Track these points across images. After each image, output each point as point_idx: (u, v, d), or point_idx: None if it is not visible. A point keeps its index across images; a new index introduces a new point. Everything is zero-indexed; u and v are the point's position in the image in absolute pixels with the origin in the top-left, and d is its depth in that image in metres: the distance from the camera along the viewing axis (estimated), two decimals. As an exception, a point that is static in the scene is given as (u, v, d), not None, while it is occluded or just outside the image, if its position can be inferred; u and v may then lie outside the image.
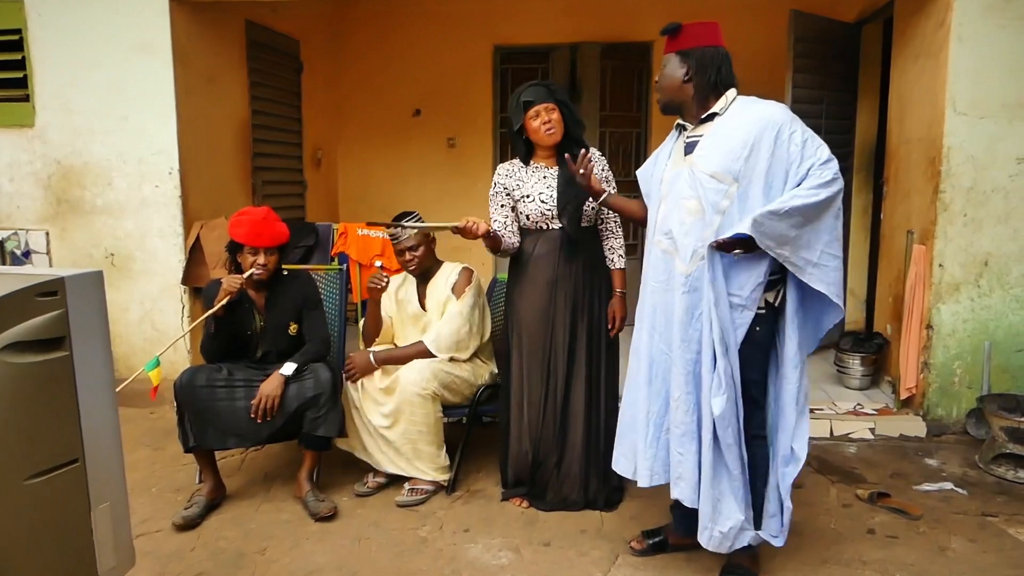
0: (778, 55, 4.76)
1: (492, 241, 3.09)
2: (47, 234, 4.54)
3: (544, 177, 3.11)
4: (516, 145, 3.16)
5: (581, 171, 2.69)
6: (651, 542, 2.82)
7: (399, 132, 6.80)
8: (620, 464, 2.72)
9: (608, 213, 3.18)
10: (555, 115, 3.03)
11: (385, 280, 3.37)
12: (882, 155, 4.86)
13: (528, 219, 3.13)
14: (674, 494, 2.51)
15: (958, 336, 3.90)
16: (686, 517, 2.73)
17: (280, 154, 5.64)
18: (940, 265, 3.85)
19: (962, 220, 3.81)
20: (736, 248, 2.30)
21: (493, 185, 3.20)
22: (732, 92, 2.45)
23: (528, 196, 3.10)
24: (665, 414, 2.54)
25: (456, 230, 3.00)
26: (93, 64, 4.34)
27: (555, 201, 3.06)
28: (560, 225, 3.09)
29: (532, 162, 3.16)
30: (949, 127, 3.77)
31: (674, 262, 2.44)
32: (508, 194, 3.15)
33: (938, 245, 3.84)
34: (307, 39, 6.02)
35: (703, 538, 2.47)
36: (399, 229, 3.32)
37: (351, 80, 6.81)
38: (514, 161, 3.21)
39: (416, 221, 3.35)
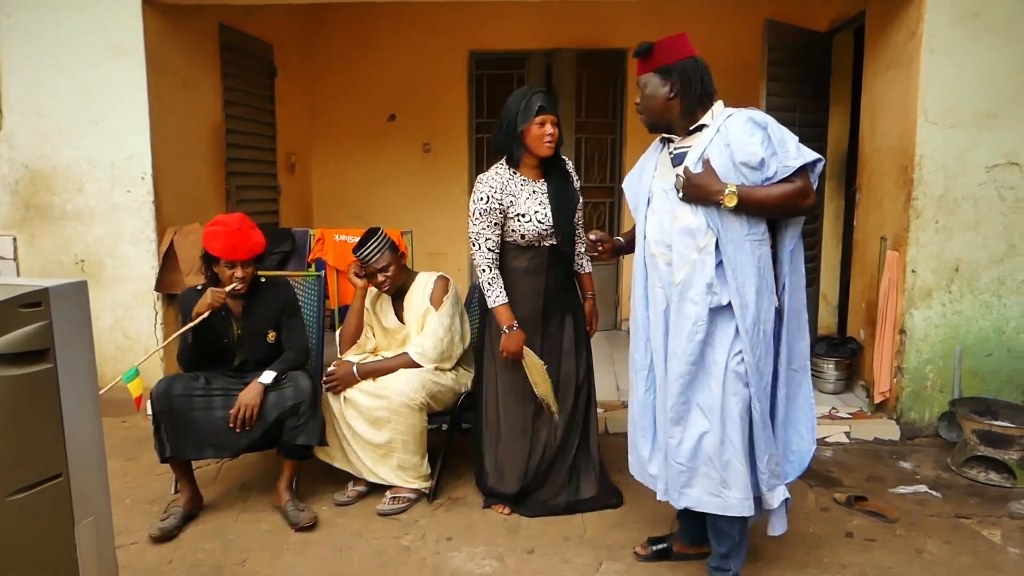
0: (750, 64, 4.82)
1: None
2: (14, 240, 4.44)
3: (534, 192, 3.04)
4: (514, 148, 3.01)
5: (600, 249, 2.68)
6: (655, 548, 2.82)
7: (374, 137, 6.76)
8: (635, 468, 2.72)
9: (577, 221, 3.20)
10: (557, 131, 2.98)
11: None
12: (854, 163, 4.94)
13: (523, 238, 3.03)
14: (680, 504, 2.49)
15: (930, 341, 3.98)
16: (692, 527, 2.74)
17: (254, 159, 5.57)
18: (913, 271, 3.92)
19: (934, 227, 3.89)
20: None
21: (484, 199, 2.99)
22: (719, 105, 2.44)
23: (523, 215, 3.00)
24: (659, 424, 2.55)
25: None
26: (63, 66, 4.25)
27: (551, 220, 3.01)
28: (553, 242, 3.07)
29: (519, 172, 3.07)
30: (921, 136, 3.84)
31: (672, 271, 2.42)
32: (502, 212, 3.01)
33: (911, 251, 3.91)
34: (281, 43, 5.96)
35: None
36: (367, 252, 3.32)
37: (325, 85, 6.76)
38: (500, 171, 3.07)
39: (381, 239, 3.34)
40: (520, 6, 6.02)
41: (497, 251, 3.06)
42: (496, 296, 3.02)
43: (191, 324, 3.02)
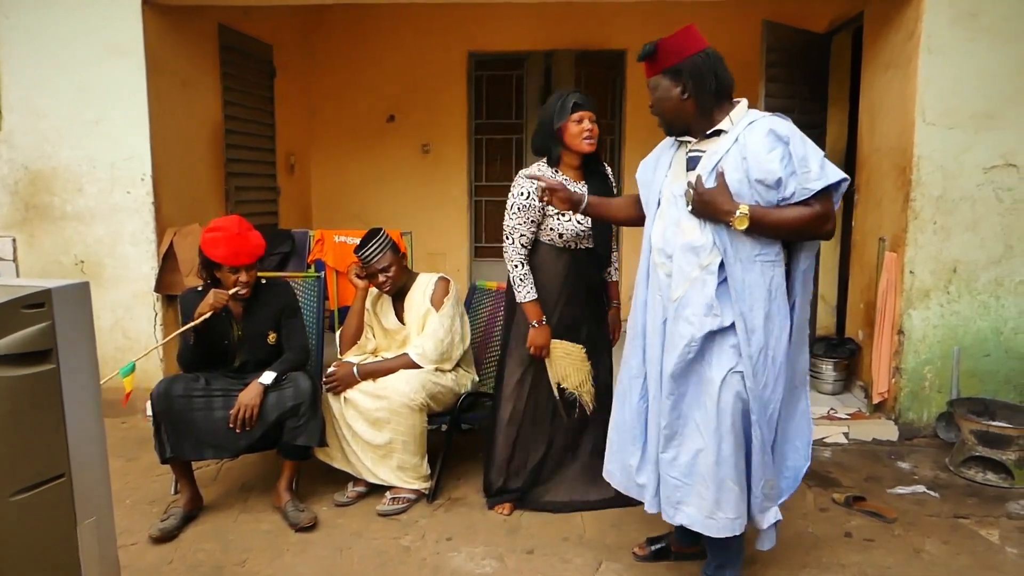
0: (749, 64, 4.83)
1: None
2: (14, 241, 4.44)
3: (575, 191, 3.02)
4: (553, 147, 3.01)
5: (546, 199, 2.61)
6: (653, 548, 2.80)
7: (373, 138, 6.77)
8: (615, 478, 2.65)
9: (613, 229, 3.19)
10: (596, 127, 2.96)
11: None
12: (852, 163, 4.95)
13: (561, 237, 3.01)
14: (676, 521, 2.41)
15: (928, 341, 3.99)
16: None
17: (253, 160, 5.58)
18: (911, 272, 3.93)
19: (932, 228, 3.90)
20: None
21: (525, 195, 2.95)
22: (741, 107, 2.30)
23: (563, 214, 2.96)
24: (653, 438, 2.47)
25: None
26: (63, 67, 4.25)
27: (590, 221, 2.99)
28: (589, 245, 3.06)
29: (559, 170, 3.05)
30: (919, 137, 3.85)
31: (671, 284, 2.32)
32: (541, 209, 2.97)
33: (909, 252, 3.92)
34: (280, 44, 5.97)
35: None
36: (369, 252, 3.32)
37: (325, 86, 6.77)
38: (542, 168, 3.04)
39: (383, 239, 3.34)
40: (519, 7, 6.03)
41: (530, 247, 3.03)
42: (527, 292, 3.00)
43: (192, 323, 3.03)
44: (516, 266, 3.01)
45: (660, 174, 2.44)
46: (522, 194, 2.97)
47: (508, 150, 6.86)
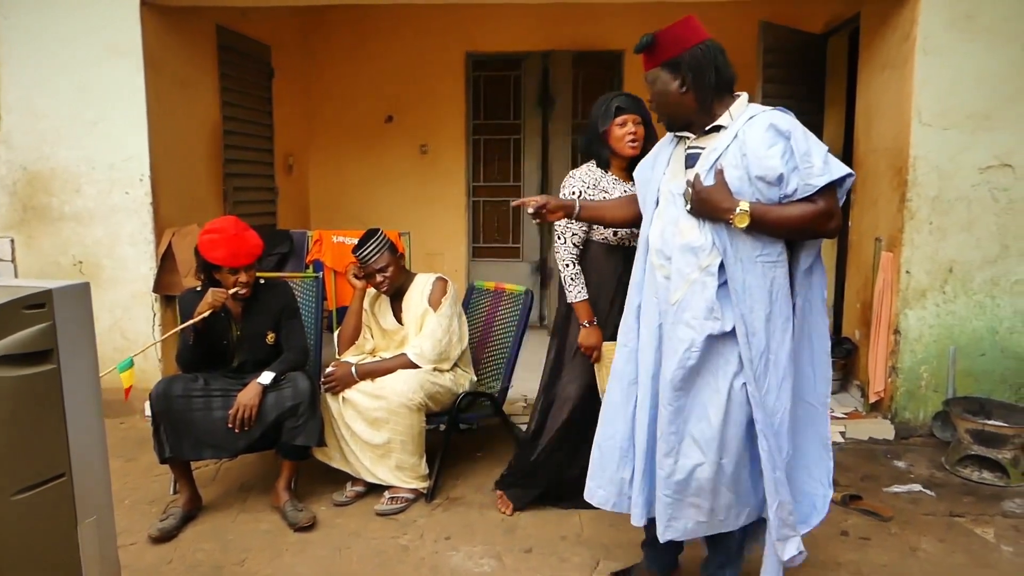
0: (747, 65, 4.84)
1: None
2: (12, 241, 4.44)
3: (625, 192, 2.95)
4: (600, 150, 3.00)
5: (531, 210, 2.53)
6: None
7: (371, 138, 6.77)
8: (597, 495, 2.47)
9: None
10: (641, 129, 2.94)
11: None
12: (849, 164, 4.94)
13: (615, 235, 2.98)
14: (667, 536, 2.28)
15: (924, 341, 4.00)
16: (660, 555, 2.58)
17: (251, 160, 5.58)
18: (907, 272, 3.95)
19: (928, 228, 3.91)
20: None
21: (576, 194, 2.91)
22: (741, 101, 2.21)
23: None
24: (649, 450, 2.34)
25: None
26: (61, 67, 4.26)
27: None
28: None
29: (609, 172, 3.02)
30: (915, 137, 3.87)
31: (669, 287, 2.21)
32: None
33: (905, 252, 3.94)
34: (278, 45, 5.98)
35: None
36: (367, 252, 3.33)
37: (323, 86, 6.78)
38: (591, 169, 3.02)
39: (381, 240, 3.35)
40: (517, 8, 6.04)
41: (581, 246, 3.00)
42: (578, 292, 2.97)
43: (191, 321, 3.04)
44: (568, 265, 2.98)
45: (658, 172, 2.34)
46: (573, 193, 2.93)
47: (506, 150, 6.87)
